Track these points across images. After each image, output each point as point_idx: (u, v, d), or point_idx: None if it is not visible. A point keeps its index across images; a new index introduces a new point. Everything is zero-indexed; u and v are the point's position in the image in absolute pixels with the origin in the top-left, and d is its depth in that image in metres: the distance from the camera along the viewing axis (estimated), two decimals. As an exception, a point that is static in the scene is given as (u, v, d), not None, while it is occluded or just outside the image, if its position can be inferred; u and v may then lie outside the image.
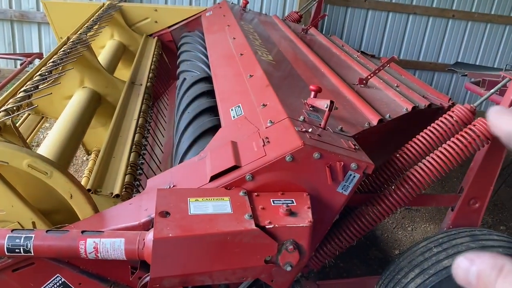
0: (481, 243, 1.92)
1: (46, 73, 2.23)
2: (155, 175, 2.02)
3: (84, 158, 3.92)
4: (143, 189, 1.77)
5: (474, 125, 1.87)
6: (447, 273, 1.82)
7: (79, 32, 3.02)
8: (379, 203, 1.91)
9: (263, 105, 1.88)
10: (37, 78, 2.16)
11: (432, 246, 1.96)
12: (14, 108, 1.87)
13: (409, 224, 3.65)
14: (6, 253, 1.28)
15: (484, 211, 2.19)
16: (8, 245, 1.27)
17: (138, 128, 2.40)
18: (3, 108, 1.84)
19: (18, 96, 1.96)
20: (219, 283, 1.50)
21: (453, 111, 1.97)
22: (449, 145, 1.87)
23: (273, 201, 1.48)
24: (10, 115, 1.81)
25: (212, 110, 2.28)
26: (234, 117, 1.92)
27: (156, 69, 3.38)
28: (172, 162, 2.32)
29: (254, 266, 1.39)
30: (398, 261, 2.03)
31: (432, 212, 3.83)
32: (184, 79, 2.78)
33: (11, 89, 2.05)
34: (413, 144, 1.94)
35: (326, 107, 1.64)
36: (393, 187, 1.92)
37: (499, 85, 2.00)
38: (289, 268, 1.39)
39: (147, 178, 1.82)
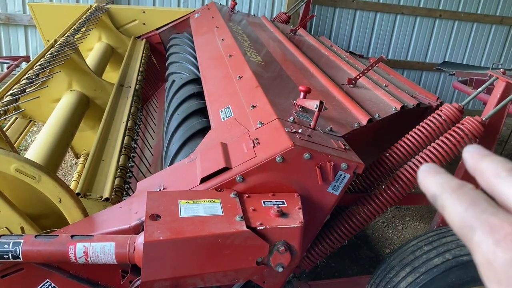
0: (471, 241, 1.93)
1: (34, 76, 2.21)
2: (145, 178, 2.01)
3: (73, 161, 3.88)
4: (133, 192, 1.76)
5: (462, 124, 1.89)
6: (438, 271, 1.83)
7: (66, 35, 3.00)
8: (370, 203, 1.92)
9: (253, 106, 1.88)
10: (24, 81, 2.14)
11: (423, 245, 1.97)
12: (1, 112, 1.85)
13: (399, 223, 3.67)
14: (-5, 259, 1.27)
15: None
16: (-4, 251, 1.26)
17: (127, 131, 2.38)
18: (-11, 112, 1.82)
19: (5, 99, 1.94)
20: (210, 285, 1.50)
21: (441, 110, 1.98)
22: (438, 143, 1.88)
23: (264, 202, 1.48)
24: (-3, 119, 1.79)
25: (202, 112, 2.27)
26: (223, 118, 1.92)
27: (145, 71, 3.36)
28: (162, 165, 2.31)
29: (246, 267, 1.39)
30: (389, 260, 2.04)
31: (422, 211, 3.85)
32: (173, 81, 2.77)
33: (-2, 92, 2.02)
34: (402, 143, 1.95)
35: (316, 108, 1.65)
36: (383, 187, 1.93)
37: (486, 84, 2.03)
38: (280, 269, 1.39)
39: (137, 181, 1.81)
